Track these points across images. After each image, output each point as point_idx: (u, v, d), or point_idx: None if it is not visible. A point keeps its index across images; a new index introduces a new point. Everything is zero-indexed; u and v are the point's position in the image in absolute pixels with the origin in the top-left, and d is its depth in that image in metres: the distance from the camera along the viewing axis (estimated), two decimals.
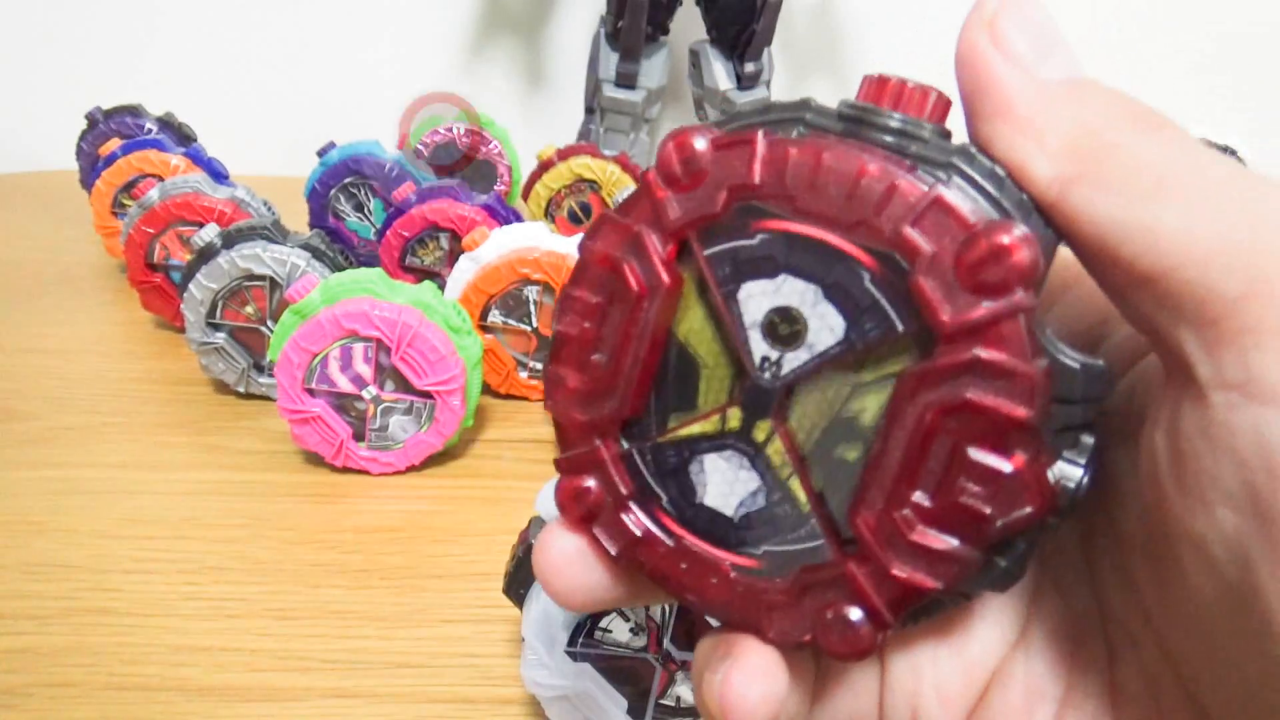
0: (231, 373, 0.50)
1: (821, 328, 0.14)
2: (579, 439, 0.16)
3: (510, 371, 0.52)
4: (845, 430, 0.15)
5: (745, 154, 0.14)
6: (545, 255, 0.50)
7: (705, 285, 0.15)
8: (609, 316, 0.15)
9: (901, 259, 0.13)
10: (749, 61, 0.81)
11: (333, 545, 0.39)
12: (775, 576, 0.15)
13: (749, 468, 0.15)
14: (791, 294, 0.14)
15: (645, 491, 0.16)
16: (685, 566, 0.16)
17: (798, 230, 0.14)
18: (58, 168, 0.94)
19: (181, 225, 0.56)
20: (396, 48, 1.00)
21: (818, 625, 0.15)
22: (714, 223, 0.15)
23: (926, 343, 0.14)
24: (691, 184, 0.15)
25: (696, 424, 0.16)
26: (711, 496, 0.16)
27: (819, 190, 0.14)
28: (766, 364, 0.15)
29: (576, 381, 0.16)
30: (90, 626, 0.34)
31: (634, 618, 0.28)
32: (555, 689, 0.28)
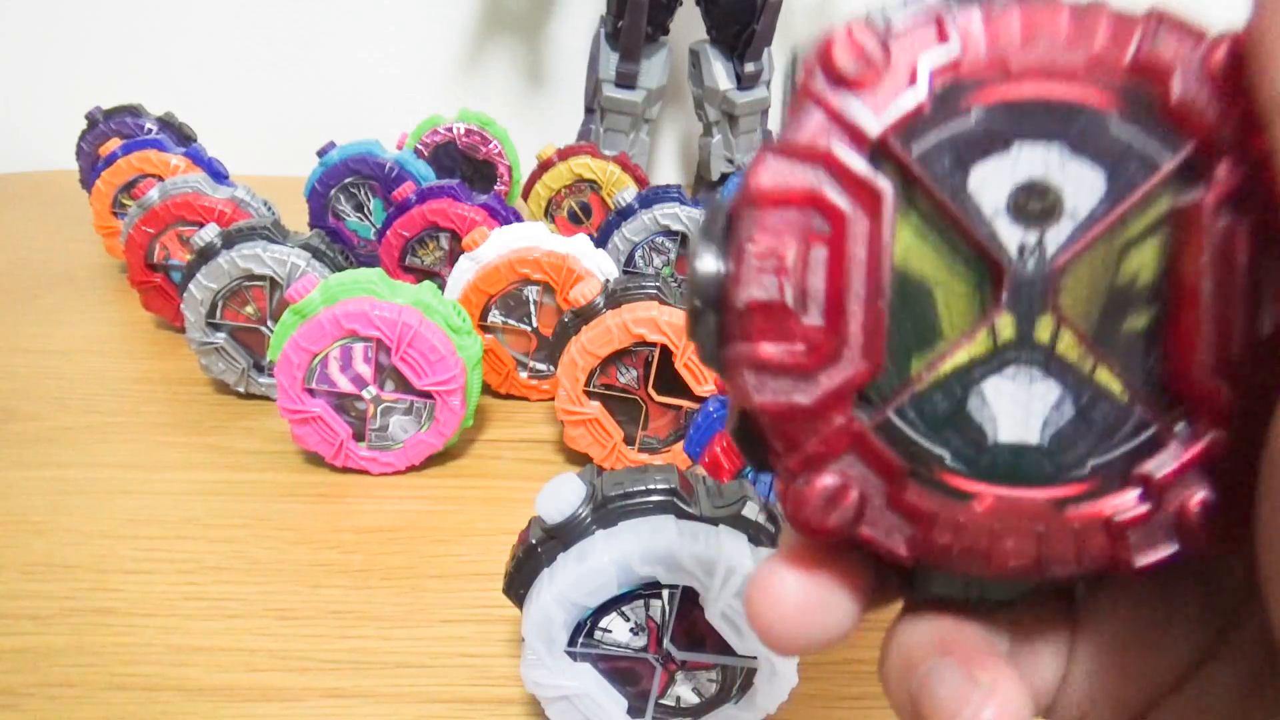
0: (231, 373, 0.50)
1: (1079, 189, 0.12)
2: (810, 428, 0.13)
3: (510, 371, 0.52)
4: (1127, 298, 0.13)
5: (934, 29, 0.12)
6: (545, 255, 0.50)
7: (914, 192, 0.13)
8: (808, 265, 0.13)
9: (1144, 88, 0.12)
10: (749, 61, 0.81)
11: (333, 545, 0.39)
12: (1117, 491, 0.13)
13: (1043, 376, 0.13)
14: (1033, 163, 0.12)
15: (919, 458, 0.13)
16: (1000, 528, 0.13)
17: (1021, 94, 0.12)
18: (58, 168, 0.94)
19: (181, 225, 0.56)
20: (397, 48, 1.00)
21: (1181, 528, 0.13)
22: (917, 115, 0.12)
23: (1193, 171, 0.12)
24: (872, 79, 0.12)
25: (960, 351, 0.13)
26: (1007, 429, 0.13)
27: (1034, 44, 0.12)
28: (1027, 250, 0.13)
29: (787, 357, 0.13)
30: (90, 626, 0.34)
31: (634, 618, 0.28)
32: (555, 689, 0.28)
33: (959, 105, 0.12)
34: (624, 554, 0.26)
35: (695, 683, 0.29)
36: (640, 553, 0.26)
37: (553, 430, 0.50)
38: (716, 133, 0.84)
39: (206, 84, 1.00)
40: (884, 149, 0.12)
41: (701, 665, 0.29)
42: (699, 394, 0.43)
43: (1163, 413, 0.13)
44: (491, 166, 0.80)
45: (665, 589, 0.28)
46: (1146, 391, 0.13)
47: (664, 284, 0.45)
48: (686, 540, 0.26)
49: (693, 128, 1.01)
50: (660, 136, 1.04)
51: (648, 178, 0.77)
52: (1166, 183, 0.12)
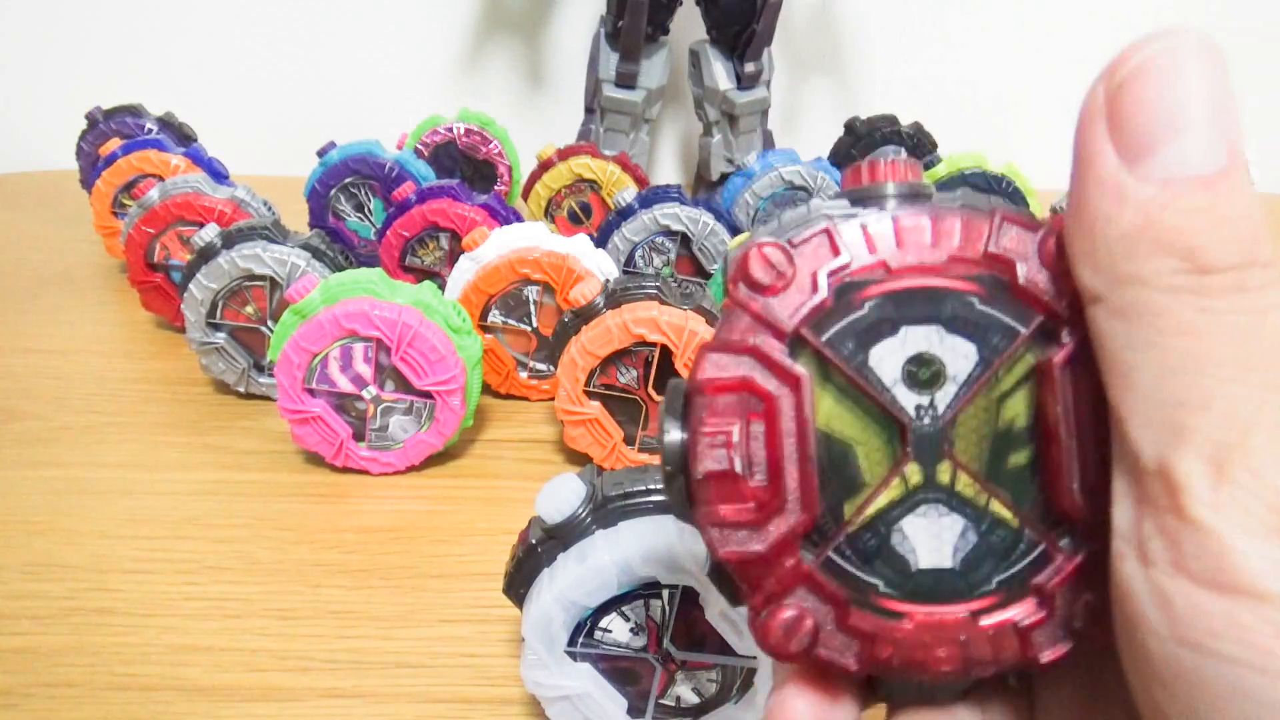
0: (231, 373, 0.50)
1: (956, 358, 0.15)
2: (767, 571, 0.16)
3: (510, 371, 0.52)
4: (1008, 440, 0.15)
5: (826, 242, 0.16)
6: (545, 255, 0.50)
7: (828, 370, 0.16)
8: (750, 438, 0.16)
9: (997, 274, 0.15)
10: (749, 61, 0.81)
11: (333, 545, 0.39)
12: (1019, 601, 0.16)
13: (949, 511, 0.16)
14: (918, 341, 0.15)
15: (858, 588, 0.16)
16: (930, 639, 0.16)
17: (901, 286, 0.15)
18: (58, 168, 0.94)
19: (181, 225, 0.56)
20: (397, 48, 1.00)
21: (1076, 619, 0.15)
22: (822, 310, 0.15)
23: (1044, 335, 0.15)
24: (783, 286, 0.15)
25: (880, 496, 0.16)
26: (926, 557, 0.16)
27: (906, 248, 0.15)
28: (922, 410, 0.16)
29: (741, 515, 0.16)
30: (90, 626, 0.34)
31: (634, 618, 0.28)
32: (555, 689, 0.28)
33: (854, 300, 0.16)
34: (624, 554, 0.26)
35: (695, 683, 0.29)
36: (640, 553, 0.26)
37: (553, 430, 0.50)
38: (716, 133, 0.84)
39: (206, 84, 1.00)
40: (799, 339, 0.16)
41: (701, 665, 0.29)
42: None
43: (1048, 532, 0.16)
44: (491, 166, 0.80)
45: (665, 589, 0.28)
46: (1034, 516, 0.16)
47: (664, 284, 0.45)
48: (686, 540, 0.26)
49: (693, 128, 1.01)
50: (660, 136, 1.04)
51: (648, 178, 0.77)
52: (1025, 346, 0.15)
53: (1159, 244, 0.12)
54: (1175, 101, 0.12)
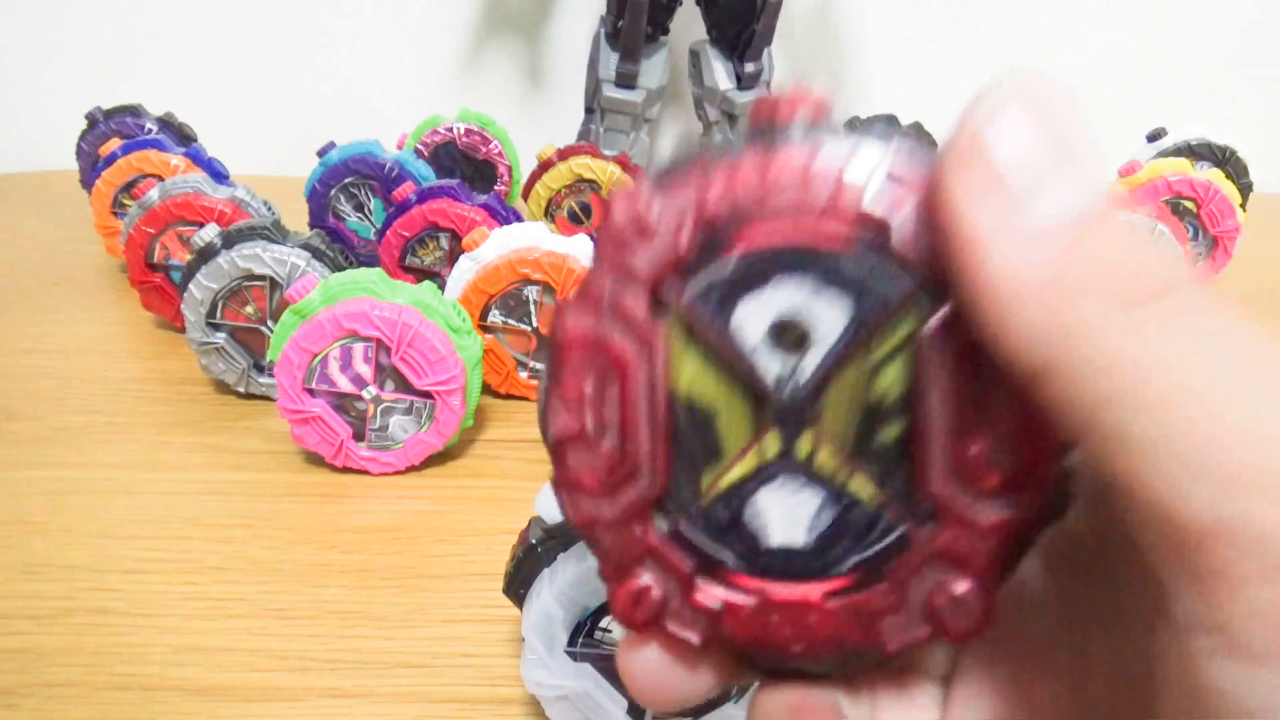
0: (231, 373, 0.50)
1: (825, 321, 0.14)
2: (615, 538, 0.15)
3: (510, 371, 0.52)
4: (879, 413, 0.14)
5: (690, 189, 0.14)
6: (545, 255, 0.50)
7: (691, 329, 0.14)
8: (604, 398, 0.15)
9: (871, 233, 0.14)
10: (749, 61, 0.81)
11: (333, 545, 0.39)
12: (872, 585, 0.15)
13: (806, 486, 0.15)
14: (783, 301, 0.14)
15: (707, 561, 0.15)
16: (778, 618, 0.15)
17: (770, 242, 0.14)
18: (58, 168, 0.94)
19: (181, 225, 0.56)
20: (397, 48, 1.00)
21: (930, 614, 0.14)
22: (683, 262, 0.14)
23: (920, 301, 0.14)
24: (646, 234, 0.14)
25: (736, 467, 0.15)
26: (778, 533, 0.15)
27: (772, 197, 0.14)
28: (784, 378, 0.14)
29: (592, 479, 0.15)
30: (90, 626, 0.34)
31: None
32: (555, 689, 0.28)
33: (718, 254, 0.14)
34: None
35: None
36: None
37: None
38: (716, 133, 0.84)
39: (206, 84, 1.00)
40: (659, 295, 0.14)
41: None
42: None
43: (912, 515, 0.14)
44: (491, 166, 0.80)
45: None
46: (897, 496, 0.15)
47: None
48: None
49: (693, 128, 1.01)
50: (660, 136, 1.04)
51: None
52: (901, 312, 0.14)
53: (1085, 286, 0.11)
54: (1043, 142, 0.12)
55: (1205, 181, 0.67)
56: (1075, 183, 0.12)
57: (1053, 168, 0.12)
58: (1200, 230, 0.68)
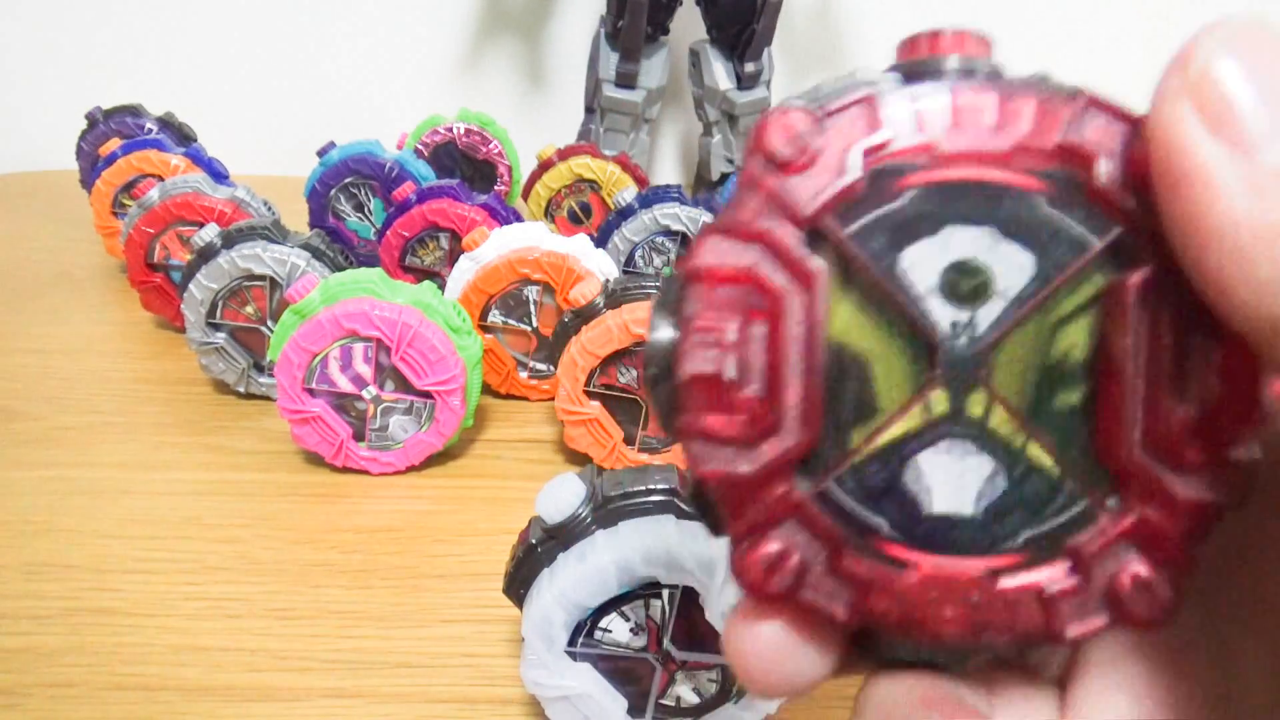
0: (231, 373, 0.50)
1: (1009, 269, 0.13)
2: (752, 496, 0.13)
3: (510, 371, 0.52)
4: (1059, 375, 0.13)
5: (865, 114, 0.13)
6: (545, 255, 0.50)
7: (850, 270, 0.13)
8: (749, 340, 0.13)
9: (1071, 172, 0.12)
10: (749, 61, 0.81)
11: (333, 545, 0.39)
12: (1049, 563, 0.13)
13: (976, 451, 0.13)
14: (963, 244, 0.13)
15: (857, 527, 0.14)
16: (936, 596, 0.13)
17: (951, 177, 0.13)
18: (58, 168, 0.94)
19: (181, 225, 0.56)
20: (397, 48, 1.00)
21: (1112, 599, 0.13)
22: (850, 196, 0.13)
23: (1120, 252, 0.13)
24: (807, 163, 0.13)
25: (896, 425, 0.13)
26: (942, 501, 0.13)
27: (962, 129, 0.13)
28: (959, 328, 0.13)
29: (730, 428, 0.13)
30: (90, 626, 0.34)
31: (634, 618, 0.28)
32: (555, 689, 0.28)
33: (891, 188, 0.13)
34: (624, 554, 0.26)
35: (695, 683, 0.29)
36: (640, 553, 0.26)
37: (553, 430, 0.50)
38: (716, 133, 0.84)
39: (206, 84, 1.00)
40: (819, 229, 0.13)
41: (701, 665, 0.29)
42: None
43: (1094, 487, 0.13)
44: (491, 166, 0.80)
45: (665, 589, 0.28)
46: (1078, 466, 0.13)
47: None
48: (686, 540, 0.26)
49: (693, 128, 1.01)
50: (660, 136, 1.04)
51: (648, 178, 0.77)
52: (1094, 264, 0.13)
53: None
54: (1276, 89, 0.11)
55: None
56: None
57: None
58: None
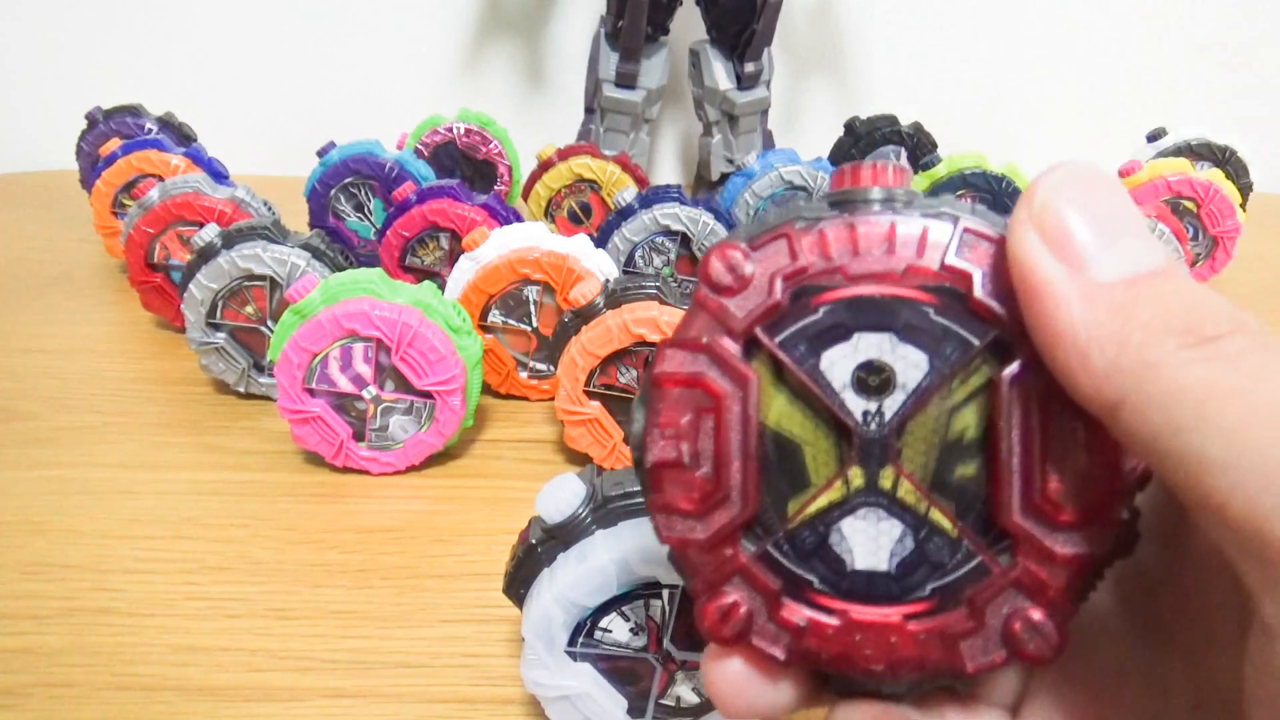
0: (231, 373, 0.50)
1: (907, 367, 0.16)
2: (706, 558, 0.16)
3: (510, 371, 0.52)
4: (956, 452, 0.16)
5: (785, 246, 0.16)
6: (545, 255, 0.50)
7: (781, 371, 0.16)
8: (700, 431, 0.16)
9: (953, 286, 0.15)
10: (749, 61, 0.81)
11: (333, 545, 0.39)
12: (950, 610, 0.16)
13: (888, 516, 0.16)
14: (870, 348, 0.16)
15: (793, 582, 0.16)
16: (860, 638, 0.16)
17: (855, 293, 0.15)
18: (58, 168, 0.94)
19: (181, 225, 0.56)
20: (396, 48, 1.00)
21: (1008, 639, 0.16)
22: (776, 312, 0.16)
23: (998, 349, 0.15)
24: (741, 287, 0.16)
25: (822, 496, 0.16)
26: (862, 558, 0.16)
27: (862, 255, 0.15)
28: (869, 416, 0.16)
29: (687, 503, 0.16)
30: (90, 626, 0.34)
31: (634, 618, 0.28)
32: (555, 689, 0.28)
33: (809, 304, 0.16)
34: (624, 554, 0.26)
35: (695, 683, 0.29)
36: (640, 553, 0.26)
37: (553, 430, 0.50)
38: (716, 133, 0.84)
39: (206, 84, 1.00)
40: (753, 339, 0.16)
41: None
42: None
43: (987, 545, 0.16)
44: (491, 166, 0.80)
45: (665, 589, 0.28)
46: (975, 528, 0.16)
47: (664, 284, 0.45)
48: None
49: (693, 128, 1.01)
50: (660, 136, 1.04)
51: (648, 178, 0.77)
52: (978, 359, 0.15)
53: (1153, 329, 0.13)
54: (1103, 214, 0.14)
55: (1205, 181, 0.67)
56: (1137, 245, 0.13)
57: (1117, 232, 0.13)
58: (1200, 230, 0.68)
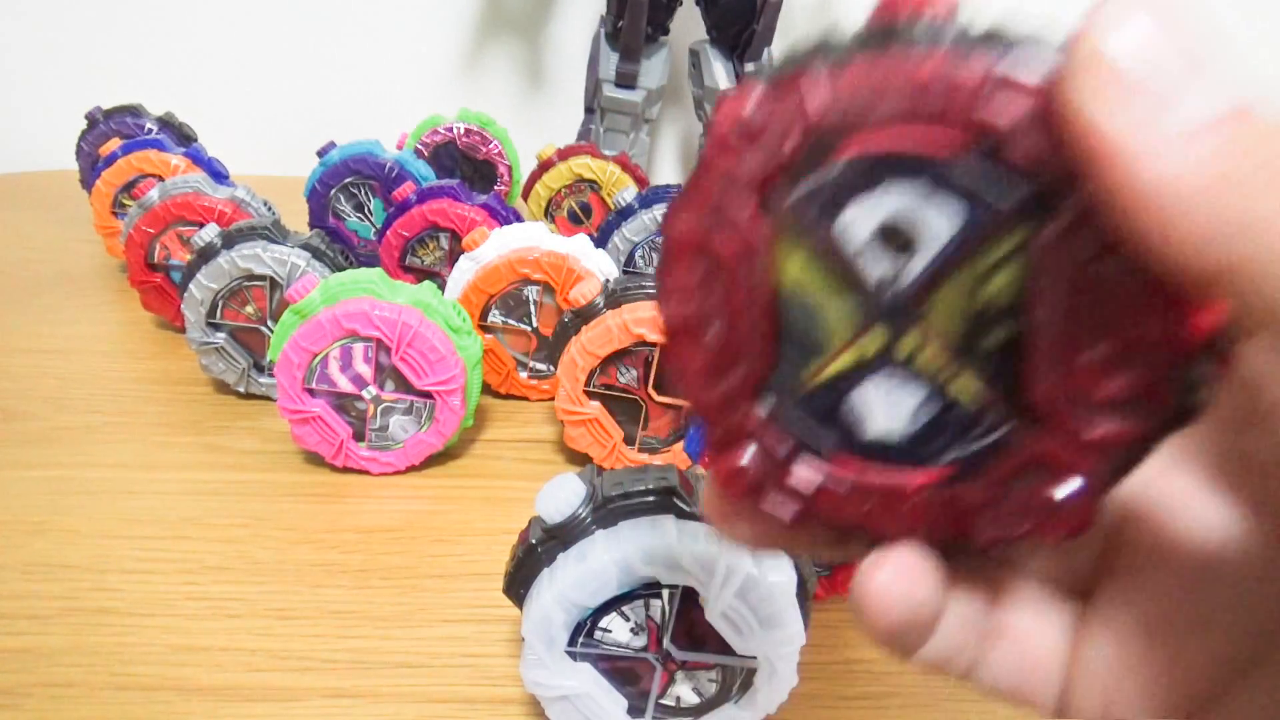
0: (231, 373, 0.50)
1: (935, 225, 0.14)
2: (719, 418, 0.16)
3: (510, 371, 0.52)
4: (986, 316, 0.15)
5: (797, 95, 0.14)
6: (545, 255, 0.50)
7: (799, 228, 0.15)
8: (711, 290, 0.15)
9: (989, 136, 0.14)
10: (749, 61, 0.81)
11: (333, 545, 0.39)
12: (969, 480, 0.15)
13: (908, 382, 0.15)
14: (892, 204, 0.14)
15: (806, 445, 0.16)
16: (871, 505, 0.16)
17: (879, 145, 0.14)
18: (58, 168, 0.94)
19: (181, 225, 0.56)
20: (396, 48, 1.00)
21: (1032, 512, 0.15)
22: (790, 166, 0.14)
23: (1039, 205, 0.14)
24: (754, 138, 0.15)
25: (838, 360, 0.15)
26: (877, 425, 0.16)
27: (885, 101, 0.14)
28: (891, 277, 0.15)
29: (698, 360, 0.16)
30: (90, 626, 0.34)
31: (634, 618, 0.28)
32: (555, 689, 0.28)
33: (827, 156, 0.14)
34: (624, 554, 0.26)
35: (695, 683, 0.29)
36: (640, 553, 0.26)
37: (553, 430, 0.50)
38: None
39: (206, 84, 1.00)
40: (767, 196, 0.15)
41: (701, 665, 0.29)
42: None
43: (1013, 418, 0.15)
44: (491, 166, 0.80)
45: (665, 589, 0.28)
46: (1001, 399, 0.15)
47: None
48: (686, 540, 0.26)
49: (693, 128, 1.01)
50: (660, 136, 1.04)
51: (648, 178, 0.77)
52: (1016, 217, 0.14)
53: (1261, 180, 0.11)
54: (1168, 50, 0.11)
55: None
56: (1216, 80, 0.11)
57: (1191, 69, 0.11)
58: None
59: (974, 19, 0.14)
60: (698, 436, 0.17)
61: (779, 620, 0.27)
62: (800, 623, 0.27)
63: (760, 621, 0.27)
